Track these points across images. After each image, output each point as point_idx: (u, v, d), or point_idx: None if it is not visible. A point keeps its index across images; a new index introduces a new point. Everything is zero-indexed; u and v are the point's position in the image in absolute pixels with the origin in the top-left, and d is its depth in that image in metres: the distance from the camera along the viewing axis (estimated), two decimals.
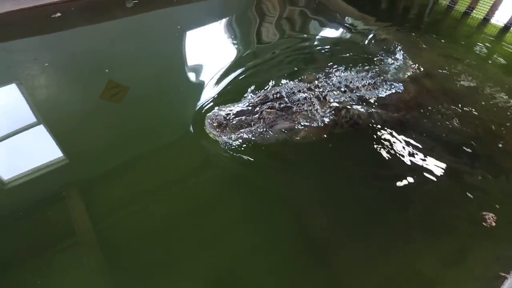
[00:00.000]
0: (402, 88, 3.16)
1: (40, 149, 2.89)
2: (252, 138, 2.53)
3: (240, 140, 2.52)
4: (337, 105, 2.76)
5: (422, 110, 3.08)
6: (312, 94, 2.81)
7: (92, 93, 3.46)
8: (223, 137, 2.49)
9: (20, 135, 3.03)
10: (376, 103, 2.93)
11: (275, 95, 2.70)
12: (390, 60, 3.89)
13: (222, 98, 3.20)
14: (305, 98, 2.73)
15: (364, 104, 2.88)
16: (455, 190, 2.68)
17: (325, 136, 2.69)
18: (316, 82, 3.00)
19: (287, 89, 2.80)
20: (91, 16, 5.01)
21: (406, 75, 3.43)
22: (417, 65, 3.69)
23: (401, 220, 2.52)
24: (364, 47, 4.44)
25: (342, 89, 2.93)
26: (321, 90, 2.87)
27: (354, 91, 2.95)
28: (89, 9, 5.08)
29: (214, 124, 2.48)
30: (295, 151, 2.73)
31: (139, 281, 2.09)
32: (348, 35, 4.90)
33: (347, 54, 4.17)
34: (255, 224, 2.41)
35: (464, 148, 2.90)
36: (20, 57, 4.08)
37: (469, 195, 2.59)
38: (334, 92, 2.88)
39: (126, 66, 3.95)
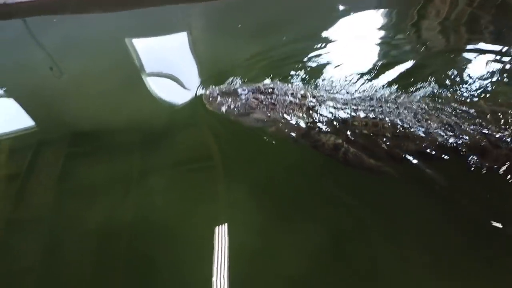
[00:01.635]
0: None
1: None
2: (232, 116, 2.93)
3: (223, 112, 2.93)
4: (310, 124, 2.76)
5: None
6: (300, 101, 2.88)
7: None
8: (211, 107, 3.00)
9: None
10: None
11: (267, 89, 2.97)
12: None
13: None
14: (291, 102, 2.87)
15: (345, 136, 2.64)
16: None
17: (291, 138, 2.78)
18: (317, 92, 3.02)
19: (282, 88, 3.00)
20: None
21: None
22: None
23: None
24: None
25: (342, 108, 2.79)
26: (313, 100, 2.88)
27: (353, 117, 2.69)
28: None
29: (208, 96, 3.01)
30: None
31: None
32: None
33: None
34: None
35: None
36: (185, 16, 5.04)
37: None
38: (330, 108, 2.80)
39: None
